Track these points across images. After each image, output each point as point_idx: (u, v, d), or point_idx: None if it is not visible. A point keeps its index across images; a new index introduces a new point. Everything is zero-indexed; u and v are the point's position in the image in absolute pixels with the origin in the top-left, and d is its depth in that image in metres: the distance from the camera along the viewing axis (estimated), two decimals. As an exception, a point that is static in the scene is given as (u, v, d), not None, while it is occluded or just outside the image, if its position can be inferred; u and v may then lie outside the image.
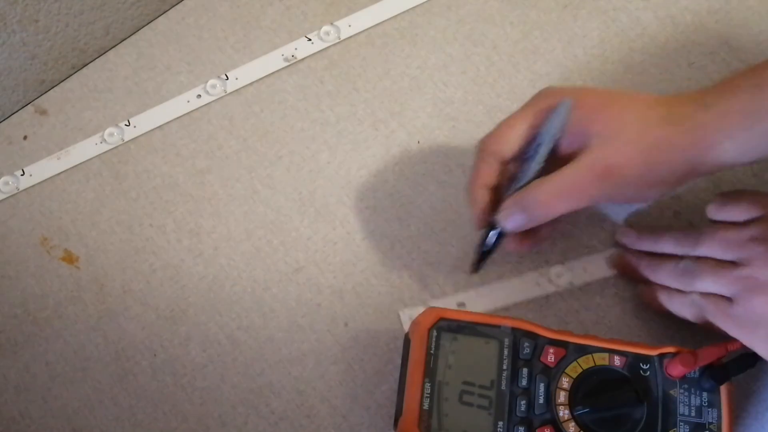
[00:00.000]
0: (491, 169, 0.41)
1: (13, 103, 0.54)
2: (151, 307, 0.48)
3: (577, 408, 0.38)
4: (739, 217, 0.39)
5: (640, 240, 0.45)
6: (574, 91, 0.40)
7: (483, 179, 0.41)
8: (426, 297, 0.46)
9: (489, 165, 0.41)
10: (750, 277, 0.36)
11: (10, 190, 0.52)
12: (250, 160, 0.51)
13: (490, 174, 0.41)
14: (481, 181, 0.41)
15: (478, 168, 0.41)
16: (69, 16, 0.51)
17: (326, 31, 0.55)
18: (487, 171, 0.41)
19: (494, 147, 0.41)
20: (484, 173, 0.41)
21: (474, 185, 0.41)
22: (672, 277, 0.41)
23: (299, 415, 0.45)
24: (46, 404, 0.46)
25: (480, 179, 0.41)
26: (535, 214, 0.39)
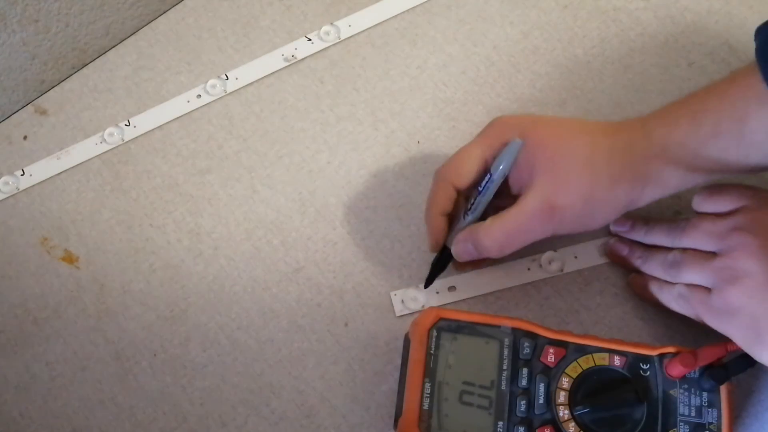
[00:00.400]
0: (447, 198, 0.43)
1: (13, 103, 0.54)
2: (151, 307, 0.48)
3: (577, 408, 0.38)
4: (723, 207, 0.40)
5: (633, 230, 0.45)
6: (525, 124, 0.42)
7: (439, 207, 0.43)
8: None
9: (445, 194, 0.43)
10: (727, 267, 0.37)
11: (10, 190, 0.52)
12: (250, 160, 0.51)
13: (446, 202, 0.43)
14: (437, 209, 0.43)
15: (435, 196, 0.44)
16: (69, 16, 0.51)
17: (326, 31, 0.55)
18: (443, 199, 0.43)
19: (450, 177, 0.43)
20: (441, 201, 0.43)
21: (430, 212, 0.44)
22: (661, 269, 0.42)
23: (299, 415, 0.45)
24: (46, 404, 0.46)
25: (436, 207, 0.43)
26: (485, 251, 0.41)
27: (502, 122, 0.43)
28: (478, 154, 0.42)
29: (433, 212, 0.44)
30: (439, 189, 0.43)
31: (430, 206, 0.44)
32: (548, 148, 0.40)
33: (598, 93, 0.51)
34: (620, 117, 0.50)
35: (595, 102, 0.51)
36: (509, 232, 0.40)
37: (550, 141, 0.41)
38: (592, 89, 0.51)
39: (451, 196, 0.43)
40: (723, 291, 0.37)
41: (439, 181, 0.43)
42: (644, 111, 0.50)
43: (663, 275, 0.42)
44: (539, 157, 0.40)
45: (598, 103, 0.51)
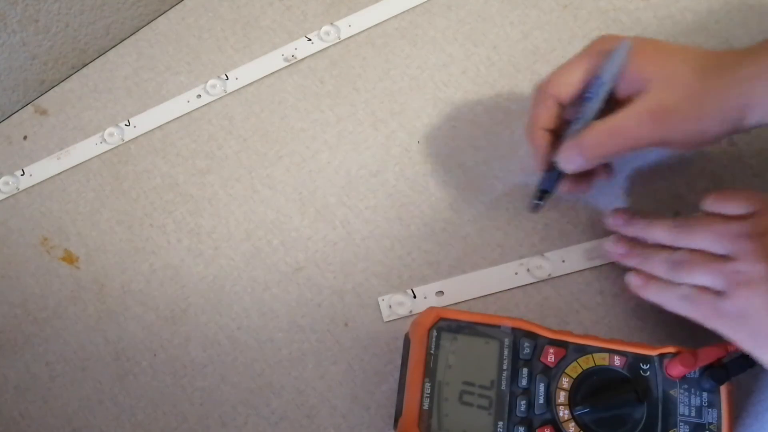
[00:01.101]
0: (549, 112, 0.42)
1: (13, 103, 0.54)
2: (151, 307, 0.48)
3: (577, 408, 0.38)
4: (735, 210, 0.39)
5: (631, 223, 0.44)
6: (632, 38, 0.41)
7: (542, 122, 0.42)
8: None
9: (547, 108, 0.42)
10: (738, 271, 0.37)
11: (10, 190, 0.52)
12: (250, 160, 0.51)
13: (549, 117, 0.42)
14: (540, 124, 0.42)
15: (537, 111, 0.42)
16: (69, 16, 0.51)
17: (326, 31, 0.55)
18: (545, 114, 0.42)
19: (552, 90, 0.42)
20: (543, 116, 0.42)
21: (533, 128, 0.42)
22: (664, 268, 0.41)
23: (299, 415, 0.45)
24: (46, 404, 0.46)
25: (539, 122, 0.42)
26: (593, 155, 0.40)
27: (606, 37, 0.42)
28: (584, 66, 0.41)
29: (536, 127, 0.42)
30: (542, 103, 0.42)
31: (533, 121, 0.42)
32: (659, 58, 0.40)
33: (598, 93, 0.51)
34: (620, 117, 0.50)
35: (595, 102, 0.51)
36: (617, 131, 0.39)
37: (661, 53, 0.40)
38: (592, 89, 0.51)
39: (554, 110, 0.41)
40: (735, 295, 0.36)
41: (541, 95, 0.42)
42: (644, 111, 0.50)
43: (666, 274, 0.41)
44: (650, 65, 0.39)
45: (598, 103, 0.51)
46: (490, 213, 0.48)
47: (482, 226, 0.48)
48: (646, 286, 0.42)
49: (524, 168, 0.49)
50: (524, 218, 0.48)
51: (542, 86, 0.42)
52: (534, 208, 0.45)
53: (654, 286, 0.42)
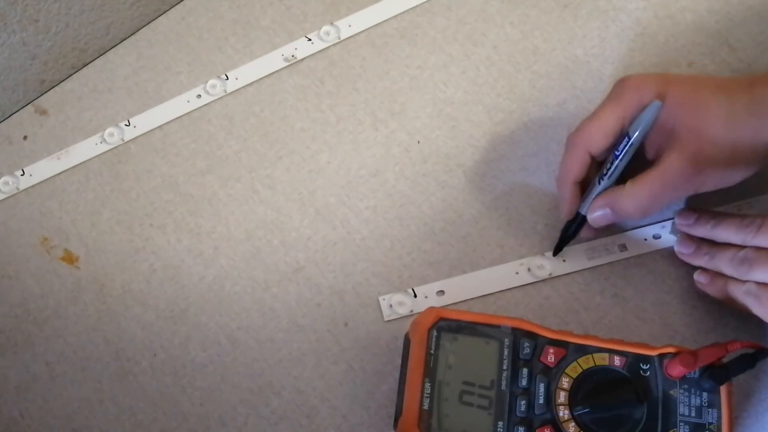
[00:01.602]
0: (580, 165, 0.42)
1: (13, 103, 0.54)
2: (151, 307, 0.48)
3: (577, 408, 0.38)
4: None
5: (698, 223, 0.44)
6: (659, 84, 0.41)
7: (573, 174, 0.43)
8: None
9: (580, 161, 0.42)
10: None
11: (10, 190, 0.52)
12: (250, 160, 0.51)
13: (580, 169, 0.43)
14: (571, 176, 0.43)
15: (568, 163, 0.43)
16: (69, 16, 0.51)
17: (326, 31, 0.55)
18: (578, 167, 0.42)
19: (585, 143, 0.42)
20: (574, 169, 0.43)
21: (564, 181, 0.43)
22: (730, 266, 0.41)
23: (299, 415, 0.45)
24: (46, 404, 0.46)
25: (570, 174, 0.43)
26: (626, 215, 0.41)
27: (634, 83, 0.42)
28: (614, 118, 0.41)
29: (567, 180, 0.43)
30: (573, 156, 0.42)
31: (565, 174, 0.43)
32: (688, 107, 0.40)
33: (598, 93, 0.51)
34: (620, 117, 0.50)
35: (595, 102, 0.51)
36: (654, 194, 0.40)
37: (689, 100, 0.40)
38: (592, 89, 0.51)
39: (585, 163, 0.42)
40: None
41: (573, 148, 0.43)
42: (644, 111, 0.50)
43: (732, 272, 0.41)
44: (679, 117, 0.39)
45: (597, 103, 0.51)
46: (490, 213, 0.48)
47: (482, 226, 0.48)
48: (711, 283, 0.42)
49: (524, 168, 0.49)
50: (524, 218, 0.48)
51: (575, 138, 0.43)
52: (556, 252, 0.46)
53: (719, 283, 0.42)
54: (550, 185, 0.49)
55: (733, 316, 0.44)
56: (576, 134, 0.43)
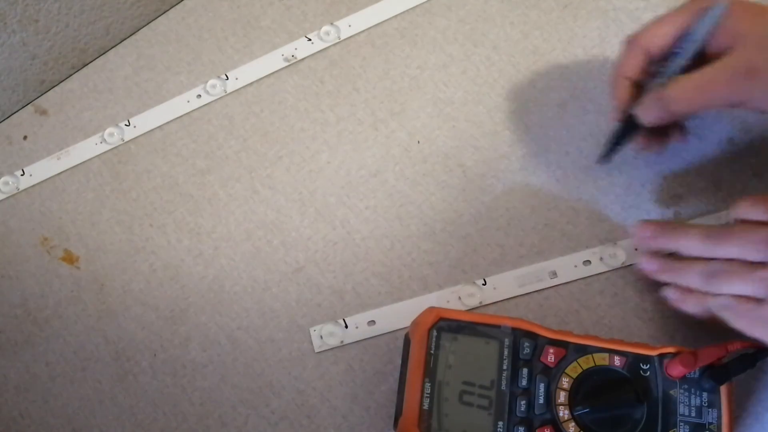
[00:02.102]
0: (637, 62, 0.42)
1: (13, 103, 0.54)
2: (151, 307, 0.48)
3: (577, 408, 0.38)
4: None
5: (661, 235, 0.43)
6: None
7: (627, 71, 0.42)
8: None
9: (635, 58, 0.42)
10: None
11: (10, 190, 0.52)
12: (250, 160, 0.51)
13: (635, 67, 0.42)
14: (625, 73, 0.42)
15: (624, 60, 0.42)
16: (69, 16, 0.51)
17: (326, 31, 0.55)
18: (632, 63, 0.42)
19: (643, 41, 0.42)
20: (630, 65, 0.42)
21: (618, 76, 0.43)
22: (699, 280, 0.40)
23: (299, 415, 0.45)
24: (46, 404, 0.46)
25: (624, 71, 0.42)
26: (675, 108, 0.40)
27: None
28: (678, 21, 0.41)
29: (620, 76, 0.42)
30: (630, 52, 0.42)
31: (618, 69, 0.42)
32: (752, 17, 0.39)
33: (598, 93, 0.51)
34: (620, 117, 0.50)
35: (595, 102, 0.51)
36: (703, 85, 0.39)
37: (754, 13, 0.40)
38: (592, 89, 0.51)
39: (641, 60, 0.42)
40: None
41: (631, 45, 0.42)
42: (644, 111, 0.50)
43: (703, 286, 0.40)
44: (742, 21, 0.39)
45: (598, 103, 0.51)
46: (490, 213, 0.48)
47: (482, 226, 0.48)
48: (684, 299, 0.41)
49: (524, 168, 0.49)
50: (524, 218, 0.48)
51: (633, 37, 0.42)
52: (603, 160, 0.45)
53: (692, 299, 0.41)
54: (550, 185, 0.49)
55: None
56: (637, 33, 0.42)
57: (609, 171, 0.49)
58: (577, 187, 0.49)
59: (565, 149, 0.50)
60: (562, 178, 0.49)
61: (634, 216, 0.47)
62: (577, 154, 0.49)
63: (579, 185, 0.49)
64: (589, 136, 0.50)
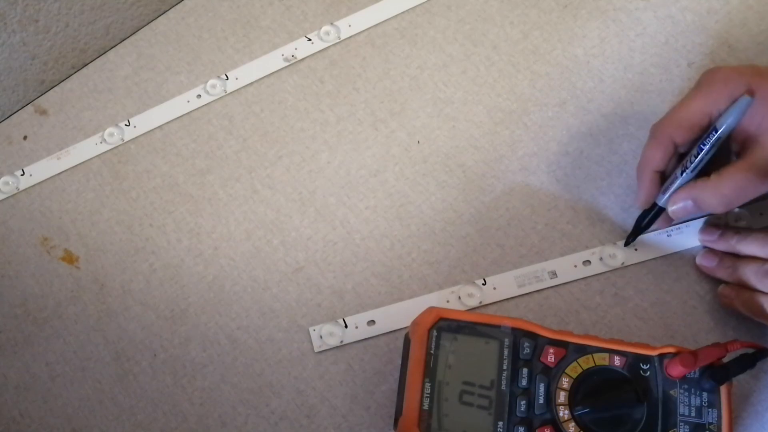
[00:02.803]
0: (663, 154, 0.42)
1: (13, 103, 0.54)
2: (151, 307, 0.48)
3: (577, 408, 0.38)
4: None
5: (722, 238, 0.44)
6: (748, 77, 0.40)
7: (654, 163, 0.42)
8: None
9: (663, 150, 0.42)
10: None
11: (10, 190, 0.52)
12: (250, 160, 0.51)
13: (663, 158, 0.42)
14: (652, 166, 0.42)
15: (652, 152, 0.42)
16: (69, 16, 0.51)
17: (326, 31, 0.55)
18: (660, 156, 0.42)
19: (670, 132, 0.42)
20: (656, 158, 0.42)
21: (644, 169, 0.43)
22: (755, 278, 0.41)
23: (299, 415, 0.45)
24: (46, 404, 0.46)
25: (653, 163, 0.42)
26: (709, 207, 0.40)
27: (724, 75, 0.41)
28: (702, 109, 0.41)
29: (647, 168, 0.43)
30: (657, 144, 0.42)
31: (646, 162, 0.43)
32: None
33: (598, 93, 0.51)
34: (620, 117, 0.50)
35: (595, 102, 0.51)
36: (739, 187, 0.39)
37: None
38: (592, 89, 0.51)
39: (668, 153, 0.42)
40: None
41: (657, 136, 0.42)
42: (644, 111, 0.50)
43: (756, 284, 0.41)
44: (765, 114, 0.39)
45: (598, 103, 0.51)
46: (490, 213, 0.48)
47: (482, 226, 0.48)
48: (736, 296, 0.42)
49: (524, 168, 0.49)
50: (524, 218, 0.48)
51: (661, 127, 0.42)
52: (628, 242, 0.46)
53: (744, 296, 0.41)
54: (550, 185, 0.49)
55: (732, 316, 0.44)
56: (661, 123, 0.42)
57: (609, 171, 0.49)
58: (577, 187, 0.49)
59: (565, 149, 0.50)
60: (562, 178, 0.49)
61: (634, 216, 0.47)
62: (577, 154, 0.49)
63: (579, 185, 0.49)
64: (589, 136, 0.50)
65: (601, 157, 0.49)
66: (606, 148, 0.49)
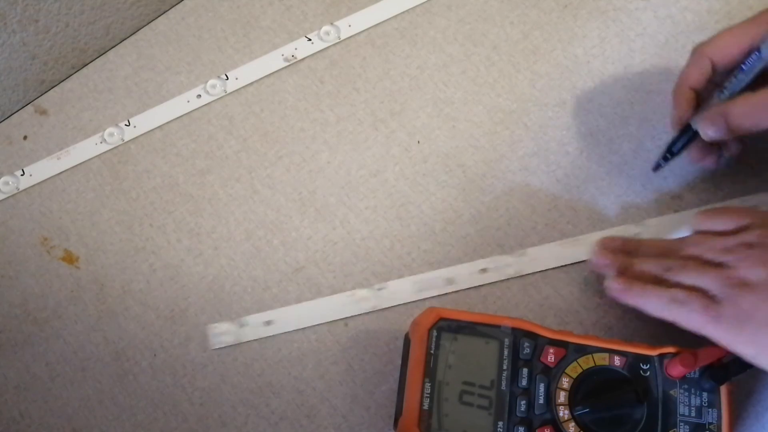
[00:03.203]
0: (702, 73, 0.41)
1: (13, 103, 0.54)
2: (151, 307, 0.48)
3: (577, 408, 0.38)
4: (726, 226, 0.39)
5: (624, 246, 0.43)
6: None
7: (692, 81, 0.42)
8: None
9: (701, 68, 0.41)
10: (739, 277, 0.36)
11: (10, 190, 0.52)
12: (250, 160, 0.51)
13: (700, 77, 0.42)
14: (689, 83, 0.42)
15: (690, 69, 0.42)
16: (69, 16, 0.51)
17: (326, 31, 0.55)
18: (697, 73, 0.42)
19: (711, 52, 0.41)
20: (695, 75, 0.42)
21: (682, 86, 0.42)
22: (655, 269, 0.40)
23: (299, 415, 0.45)
24: (46, 404, 0.46)
25: (689, 80, 0.42)
26: (737, 125, 0.40)
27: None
28: (747, 34, 0.40)
29: (683, 85, 0.42)
30: (696, 62, 0.41)
31: (683, 79, 0.42)
32: None
33: (598, 93, 0.51)
34: (620, 117, 0.50)
35: (595, 102, 0.51)
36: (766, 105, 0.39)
37: None
38: (592, 89, 0.51)
39: (706, 71, 0.41)
40: (735, 299, 0.36)
41: (697, 55, 0.42)
42: (644, 111, 0.50)
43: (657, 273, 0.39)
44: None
45: (598, 103, 0.51)
46: (490, 213, 0.48)
47: (482, 226, 0.48)
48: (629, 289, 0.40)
49: (524, 168, 0.49)
50: (524, 218, 0.48)
51: (702, 46, 0.42)
52: (657, 168, 0.45)
53: (638, 288, 0.39)
54: (550, 185, 0.49)
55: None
56: (704, 43, 0.42)
57: (609, 171, 0.49)
58: (577, 187, 0.49)
59: (565, 149, 0.50)
60: (562, 178, 0.49)
61: (634, 216, 0.47)
62: (577, 154, 0.49)
63: (579, 185, 0.49)
64: (589, 135, 0.50)
65: (601, 157, 0.49)
66: (606, 148, 0.49)
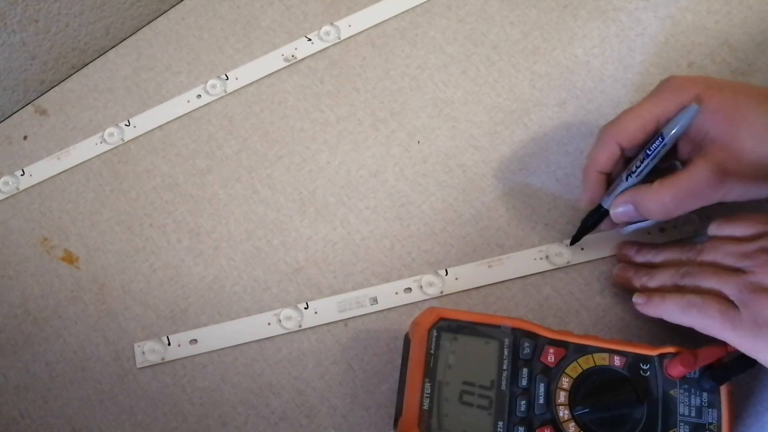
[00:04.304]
0: (609, 156, 0.42)
1: (13, 103, 0.54)
2: (151, 307, 0.48)
3: (577, 408, 0.38)
4: (745, 232, 0.39)
5: (640, 252, 0.45)
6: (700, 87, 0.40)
7: (601, 165, 0.42)
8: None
9: (609, 152, 0.42)
10: (757, 282, 0.36)
11: (10, 190, 0.52)
12: (250, 160, 0.51)
13: (609, 161, 0.42)
14: (597, 166, 0.43)
15: (598, 154, 0.43)
16: (69, 16, 0.51)
17: (326, 31, 0.55)
18: (605, 158, 0.42)
19: (618, 136, 0.42)
20: (603, 159, 0.42)
21: (590, 169, 0.43)
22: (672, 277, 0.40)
23: (299, 415, 0.45)
24: (46, 404, 0.46)
25: (598, 165, 0.43)
26: (649, 214, 0.41)
27: (676, 84, 0.41)
28: (651, 114, 0.41)
29: (592, 169, 0.43)
30: (603, 146, 0.42)
31: (591, 163, 0.43)
32: (724, 115, 0.39)
33: (598, 93, 0.51)
34: (620, 117, 0.50)
35: (595, 102, 0.51)
36: (678, 196, 0.39)
37: (727, 108, 0.39)
38: (592, 89, 0.51)
39: (614, 155, 0.42)
40: (754, 304, 0.35)
41: (604, 138, 0.42)
42: (644, 111, 0.50)
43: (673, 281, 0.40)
44: (714, 124, 0.39)
45: (598, 103, 0.51)
46: (490, 213, 0.48)
47: (482, 226, 0.48)
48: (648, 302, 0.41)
49: (524, 168, 0.49)
50: (524, 218, 0.48)
51: (609, 129, 0.42)
52: (573, 242, 0.46)
53: (657, 299, 0.40)
54: (550, 185, 0.49)
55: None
56: (610, 125, 0.42)
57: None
58: (577, 187, 0.49)
59: (565, 149, 0.50)
60: (562, 178, 0.49)
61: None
62: (577, 154, 0.49)
63: (579, 185, 0.48)
64: (589, 135, 0.50)
65: (601, 157, 0.49)
66: (606, 148, 0.49)
